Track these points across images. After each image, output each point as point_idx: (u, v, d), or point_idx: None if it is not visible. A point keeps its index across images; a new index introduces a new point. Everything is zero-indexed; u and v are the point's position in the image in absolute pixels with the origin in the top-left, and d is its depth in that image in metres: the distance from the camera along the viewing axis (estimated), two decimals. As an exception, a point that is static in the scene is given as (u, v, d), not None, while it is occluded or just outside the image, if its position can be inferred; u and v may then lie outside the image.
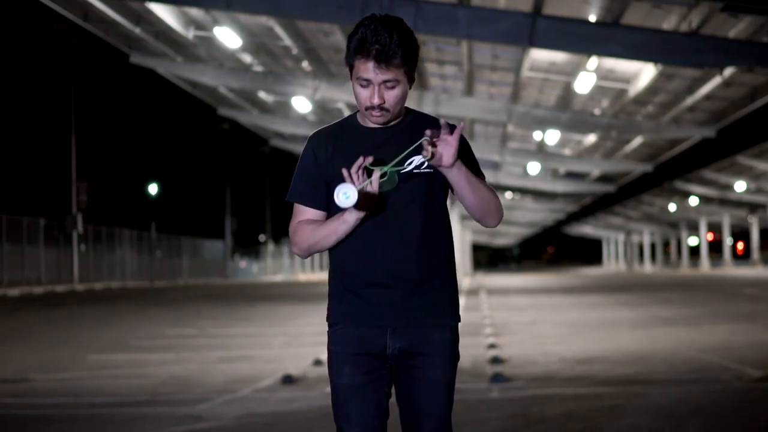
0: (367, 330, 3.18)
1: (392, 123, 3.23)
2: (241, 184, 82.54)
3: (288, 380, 9.34)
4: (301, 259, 3.51)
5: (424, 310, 3.17)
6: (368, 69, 3.10)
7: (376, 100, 3.12)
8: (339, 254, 3.22)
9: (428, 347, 3.19)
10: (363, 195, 3.05)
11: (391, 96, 3.14)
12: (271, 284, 50.08)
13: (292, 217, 3.29)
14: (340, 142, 3.24)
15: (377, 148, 3.18)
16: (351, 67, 3.16)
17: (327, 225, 3.17)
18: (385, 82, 3.11)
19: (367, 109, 3.16)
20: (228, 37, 22.91)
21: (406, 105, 3.29)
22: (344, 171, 3.06)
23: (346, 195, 3.02)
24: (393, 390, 3.29)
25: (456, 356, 3.26)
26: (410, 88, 3.20)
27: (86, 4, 21.86)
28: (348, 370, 3.17)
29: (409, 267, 3.16)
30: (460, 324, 3.29)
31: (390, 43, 3.08)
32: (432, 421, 3.20)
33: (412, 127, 3.23)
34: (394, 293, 3.16)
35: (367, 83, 3.13)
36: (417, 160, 3.19)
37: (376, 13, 3.17)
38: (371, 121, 3.20)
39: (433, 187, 3.22)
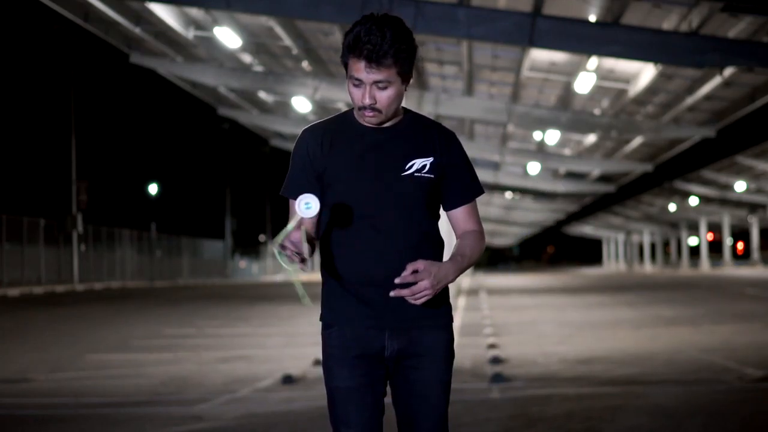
0: (365, 331, 3.14)
1: (388, 124, 3.19)
2: (241, 184, 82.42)
3: (288, 380, 9.33)
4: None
5: (420, 311, 3.14)
6: (360, 69, 3.06)
7: (367, 101, 3.09)
8: (333, 255, 3.17)
9: (424, 348, 3.16)
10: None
11: (383, 97, 3.09)
12: (271, 284, 50.08)
13: (290, 214, 3.21)
14: (337, 138, 3.20)
15: (373, 149, 3.16)
16: (345, 66, 3.13)
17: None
18: (376, 82, 3.07)
19: (360, 108, 3.13)
20: (228, 37, 22.90)
21: (404, 105, 3.27)
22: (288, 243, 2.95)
23: (307, 205, 2.96)
24: (388, 389, 3.25)
25: (451, 355, 3.23)
26: (405, 89, 3.15)
27: (86, 4, 21.85)
28: (346, 373, 3.13)
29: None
30: (460, 324, 3.28)
31: (382, 43, 3.03)
32: (429, 421, 3.18)
33: (410, 129, 3.20)
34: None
35: (359, 83, 3.09)
36: (418, 163, 3.16)
37: (375, 12, 3.13)
38: (364, 121, 3.17)
39: (430, 192, 3.19)
